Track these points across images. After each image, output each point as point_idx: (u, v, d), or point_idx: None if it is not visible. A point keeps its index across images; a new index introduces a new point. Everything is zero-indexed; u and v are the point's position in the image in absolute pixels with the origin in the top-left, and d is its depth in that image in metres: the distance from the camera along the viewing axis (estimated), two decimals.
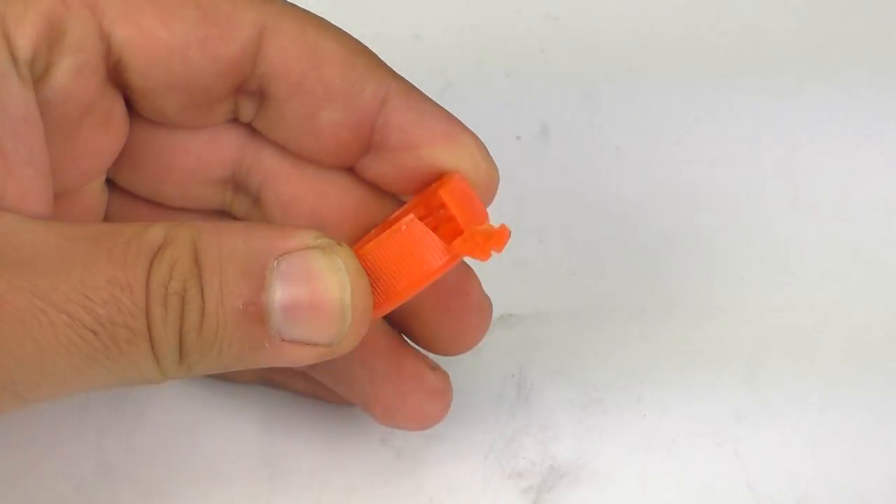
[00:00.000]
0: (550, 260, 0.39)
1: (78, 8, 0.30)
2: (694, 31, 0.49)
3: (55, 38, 0.30)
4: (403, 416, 0.34)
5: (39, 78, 0.30)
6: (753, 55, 0.49)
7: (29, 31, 0.30)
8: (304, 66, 0.32)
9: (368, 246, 0.30)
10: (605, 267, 0.41)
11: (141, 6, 0.31)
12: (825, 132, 0.46)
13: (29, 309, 0.27)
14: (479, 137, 0.33)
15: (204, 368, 0.30)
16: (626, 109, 0.46)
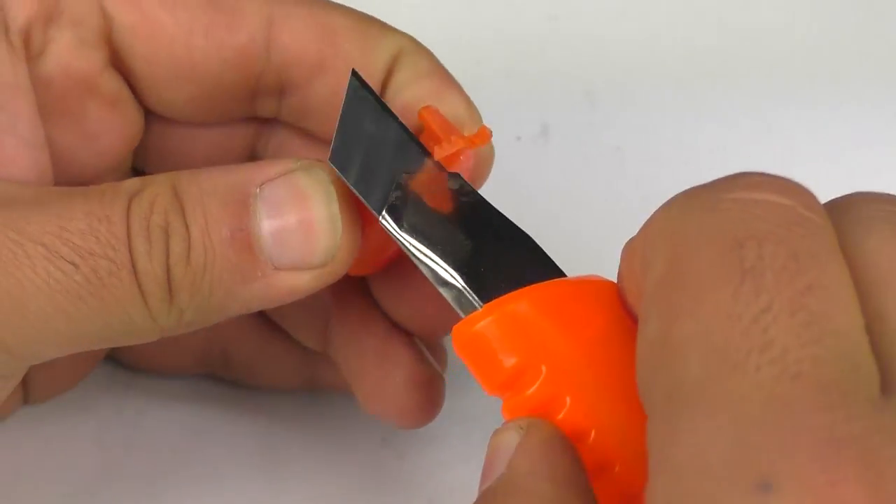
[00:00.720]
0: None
1: None
2: (694, 31, 0.50)
3: (53, 12, 0.30)
4: (382, 403, 0.33)
5: (38, 53, 0.30)
6: (754, 55, 0.49)
7: (24, 1, 0.29)
8: (320, 44, 0.31)
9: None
10: (605, 267, 0.41)
11: None
12: (825, 132, 0.46)
13: (3, 241, 0.27)
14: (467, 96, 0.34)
15: (195, 313, 0.29)
16: (626, 109, 0.46)
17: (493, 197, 0.42)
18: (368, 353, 0.33)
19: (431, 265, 0.28)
